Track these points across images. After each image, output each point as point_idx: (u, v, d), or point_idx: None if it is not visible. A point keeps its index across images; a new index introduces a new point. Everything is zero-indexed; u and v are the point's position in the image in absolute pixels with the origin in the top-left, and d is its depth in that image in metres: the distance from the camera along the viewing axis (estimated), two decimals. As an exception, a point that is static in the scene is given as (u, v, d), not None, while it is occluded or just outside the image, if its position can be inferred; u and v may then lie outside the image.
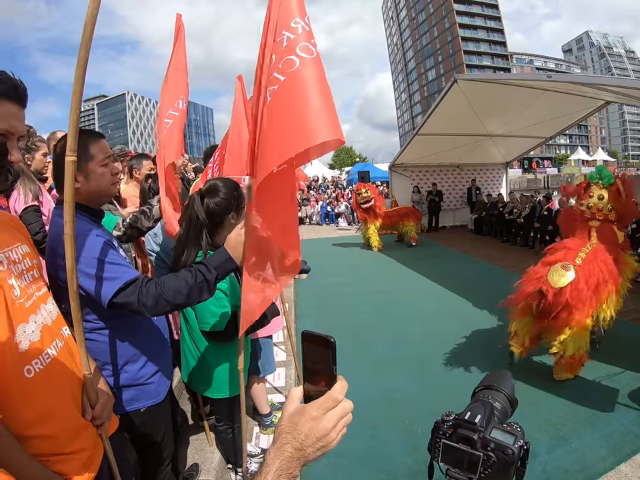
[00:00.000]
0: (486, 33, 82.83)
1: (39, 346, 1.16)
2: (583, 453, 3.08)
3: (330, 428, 0.70)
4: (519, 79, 10.37)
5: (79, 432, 1.26)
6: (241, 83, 3.03)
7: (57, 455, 1.15)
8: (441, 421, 0.82)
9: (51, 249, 1.61)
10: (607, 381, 4.06)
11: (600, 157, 41.57)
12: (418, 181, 15.27)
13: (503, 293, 6.99)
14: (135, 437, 1.97)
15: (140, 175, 3.79)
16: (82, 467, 1.21)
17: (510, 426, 0.78)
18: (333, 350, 0.71)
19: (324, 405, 0.70)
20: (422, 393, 4.00)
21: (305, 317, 6.25)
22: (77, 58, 1.05)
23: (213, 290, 1.67)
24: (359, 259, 10.92)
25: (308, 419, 0.69)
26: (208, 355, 2.30)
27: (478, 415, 0.78)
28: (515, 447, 0.73)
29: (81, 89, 1.09)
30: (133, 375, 1.82)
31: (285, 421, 0.71)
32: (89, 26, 1.03)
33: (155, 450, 2.01)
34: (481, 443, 0.74)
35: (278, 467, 0.66)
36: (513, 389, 0.92)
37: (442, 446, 0.79)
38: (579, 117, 11.76)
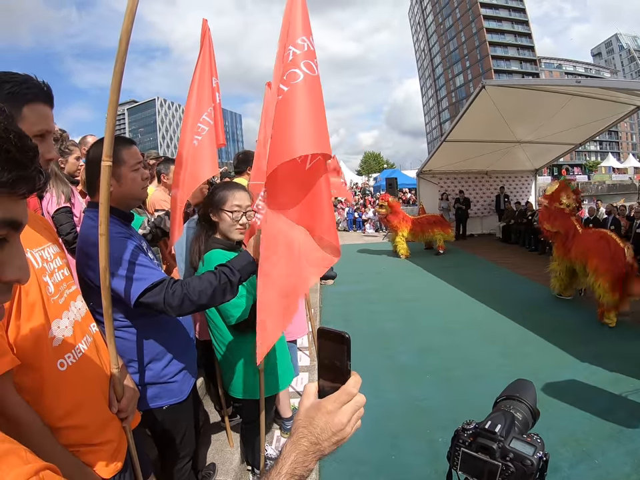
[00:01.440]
0: (514, 37, 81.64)
1: (72, 341, 1.22)
2: (606, 470, 3.00)
3: (345, 422, 0.71)
4: (547, 84, 10.22)
5: (107, 424, 1.31)
6: (269, 89, 3.08)
7: (86, 446, 1.20)
8: (461, 429, 0.82)
9: (81, 249, 1.67)
10: (633, 396, 3.94)
11: (631, 163, 40.46)
12: (446, 188, 15.12)
13: (528, 303, 6.95)
14: (157, 433, 2.01)
15: (168, 180, 3.86)
16: (109, 457, 1.26)
17: (530, 437, 0.78)
18: (348, 345, 0.71)
19: (339, 399, 0.71)
20: (444, 403, 3.95)
21: (329, 323, 6.23)
22: (113, 69, 1.11)
23: (236, 291, 1.73)
24: (385, 266, 10.87)
25: (324, 413, 0.70)
26: (236, 355, 2.33)
27: (498, 424, 0.78)
28: (534, 458, 0.72)
29: (116, 98, 1.15)
30: (157, 373, 1.86)
31: (301, 416, 0.72)
32: (124, 40, 1.07)
33: (175, 447, 2.04)
34: (500, 453, 0.74)
35: (294, 460, 0.68)
36: (535, 400, 0.92)
37: (461, 454, 0.79)
38: (609, 123, 11.47)
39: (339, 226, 20.12)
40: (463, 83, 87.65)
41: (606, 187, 46.98)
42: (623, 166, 44.06)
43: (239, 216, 2.20)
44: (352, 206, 20.92)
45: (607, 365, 4.56)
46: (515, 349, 5.15)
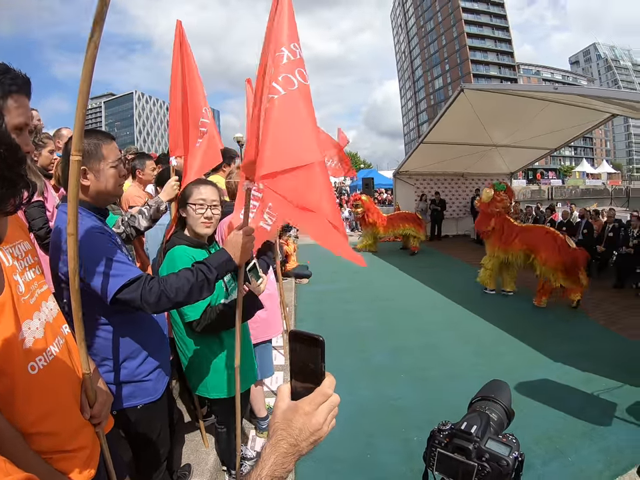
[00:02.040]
0: (494, 42, 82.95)
1: (43, 343, 1.16)
2: (579, 467, 3.08)
3: (322, 422, 0.72)
4: (525, 89, 10.41)
5: (80, 430, 1.26)
6: (250, 86, 3.05)
7: (59, 453, 1.15)
8: (437, 430, 0.82)
9: (55, 244, 1.63)
10: (605, 395, 4.05)
11: (604, 169, 41.59)
12: (422, 189, 15.29)
13: (502, 304, 7.07)
14: (131, 434, 1.97)
15: (143, 176, 3.80)
16: (83, 464, 1.22)
17: (505, 437, 0.79)
18: (322, 348, 0.71)
19: (315, 400, 0.72)
20: (419, 402, 3.99)
21: (304, 322, 6.25)
22: (85, 55, 1.07)
23: (213, 288, 1.73)
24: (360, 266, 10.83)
25: (301, 415, 0.71)
26: (201, 353, 2.31)
27: (474, 425, 0.78)
28: (509, 458, 0.73)
29: (87, 88, 1.10)
30: (132, 371, 1.83)
31: (278, 418, 0.73)
32: (97, 24, 1.03)
33: (150, 447, 2.01)
34: (476, 453, 0.75)
35: (273, 462, 0.68)
36: (510, 401, 0.92)
37: (437, 455, 0.79)
38: (584, 129, 11.77)
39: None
40: (441, 85, 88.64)
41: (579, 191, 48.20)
42: (596, 171, 45.26)
43: (202, 210, 2.22)
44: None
45: (580, 364, 4.68)
46: (489, 349, 5.23)
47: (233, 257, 1.77)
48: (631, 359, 4.90)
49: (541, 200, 29.12)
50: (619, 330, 5.86)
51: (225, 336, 2.30)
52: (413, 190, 15.19)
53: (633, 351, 5.16)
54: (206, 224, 2.25)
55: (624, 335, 5.67)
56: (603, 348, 5.23)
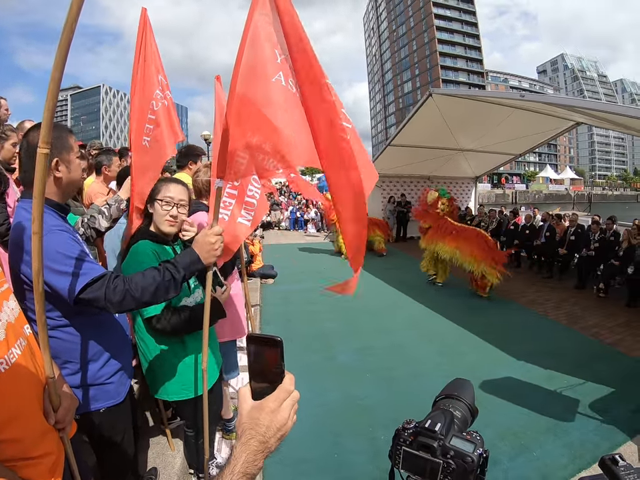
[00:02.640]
0: (464, 49, 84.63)
1: (4, 345, 1.10)
2: (544, 462, 3.16)
3: (287, 417, 0.76)
4: (492, 96, 10.61)
5: (44, 435, 1.21)
6: (219, 83, 3.00)
7: (23, 460, 1.10)
8: (401, 428, 0.82)
9: (15, 243, 1.55)
10: (568, 392, 4.19)
11: (567, 175, 42.85)
12: (389, 191, 15.45)
13: (465, 304, 7.22)
14: (95, 438, 1.91)
15: (109, 172, 3.69)
16: (48, 471, 1.16)
17: (469, 434, 0.80)
18: (281, 348, 0.75)
19: (279, 397, 0.76)
20: (385, 401, 4.03)
21: (270, 323, 6.22)
22: (59, 41, 1.00)
23: (180, 288, 1.69)
24: (326, 265, 10.93)
25: (267, 413, 0.74)
26: (162, 355, 2.24)
27: (438, 423, 0.79)
28: (474, 454, 0.74)
29: (60, 75, 1.03)
30: (93, 374, 1.77)
31: (245, 419, 0.75)
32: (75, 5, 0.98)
33: (114, 451, 1.95)
34: (440, 451, 0.75)
35: (245, 460, 0.71)
36: (474, 398, 0.93)
37: (403, 453, 0.80)
38: (549, 136, 12.11)
39: (282, 225, 20.03)
40: (410, 89, 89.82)
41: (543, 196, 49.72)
42: (559, 177, 46.58)
43: (169, 207, 2.18)
44: (295, 205, 20.97)
45: (542, 362, 4.82)
46: (453, 348, 5.33)
47: (201, 257, 1.73)
48: (592, 356, 5.08)
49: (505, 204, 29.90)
50: (580, 329, 6.06)
51: (187, 338, 2.24)
52: (379, 192, 15.31)
53: (594, 349, 5.35)
54: (170, 222, 2.20)
55: (585, 334, 5.87)
56: (565, 347, 5.39)
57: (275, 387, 0.76)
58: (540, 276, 9.88)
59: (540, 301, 7.66)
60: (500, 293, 8.01)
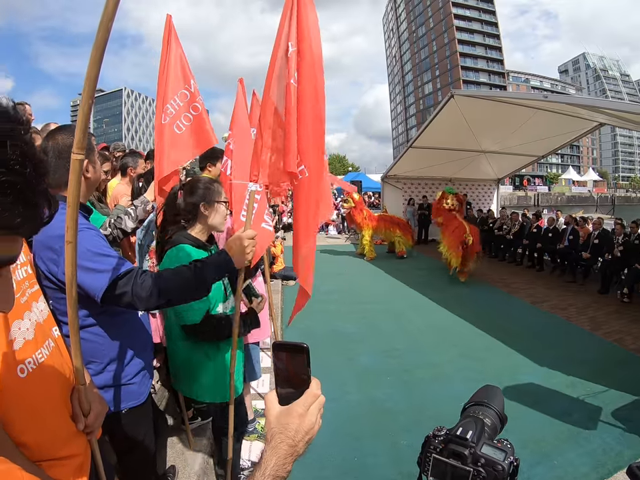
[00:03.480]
0: (484, 49, 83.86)
1: (33, 345, 1.10)
2: (565, 470, 3.10)
3: (314, 421, 0.78)
4: (515, 97, 10.49)
5: (72, 436, 1.20)
6: (242, 86, 3.02)
7: (50, 460, 1.09)
8: (432, 435, 0.82)
9: (42, 242, 1.53)
10: (590, 399, 4.10)
11: (590, 177, 42.07)
12: (410, 193, 15.34)
13: (488, 308, 7.13)
14: (116, 438, 1.92)
15: (135, 174, 3.75)
16: (74, 473, 1.16)
17: (500, 442, 0.79)
18: (307, 354, 0.77)
19: (307, 402, 0.78)
20: (406, 404, 4.00)
21: (291, 325, 6.19)
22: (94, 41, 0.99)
23: (209, 289, 1.68)
24: (347, 267, 10.91)
25: (295, 417, 0.76)
26: (195, 358, 2.25)
27: (469, 430, 0.78)
28: (504, 463, 0.73)
29: (96, 74, 1.00)
30: (117, 375, 1.78)
31: (273, 424, 0.77)
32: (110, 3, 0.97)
33: (135, 452, 1.96)
34: (471, 459, 0.74)
35: (275, 463, 0.73)
36: (503, 406, 0.92)
37: (432, 460, 0.79)
38: (572, 138, 11.92)
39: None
40: (431, 91, 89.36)
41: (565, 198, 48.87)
42: (582, 179, 45.75)
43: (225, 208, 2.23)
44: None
45: (564, 368, 4.73)
46: (475, 353, 5.26)
47: (234, 260, 1.71)
48: (615, 363, 4.97)
49: (527, 206, 29.47)
50: (604, 335, 5.93)
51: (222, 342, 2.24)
52: (400, 194, 15.25)
53: (617, 355, 5.23)
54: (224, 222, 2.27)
55: (609, 339, 5.74)
56: (588, 353, 5.29)
57: (301, 392, 0.78)
58: (562, 280, 9.69)
59: (563, 305, 7.51)
60: (523, 297, 7.91)
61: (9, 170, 0.45)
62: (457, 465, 0.75)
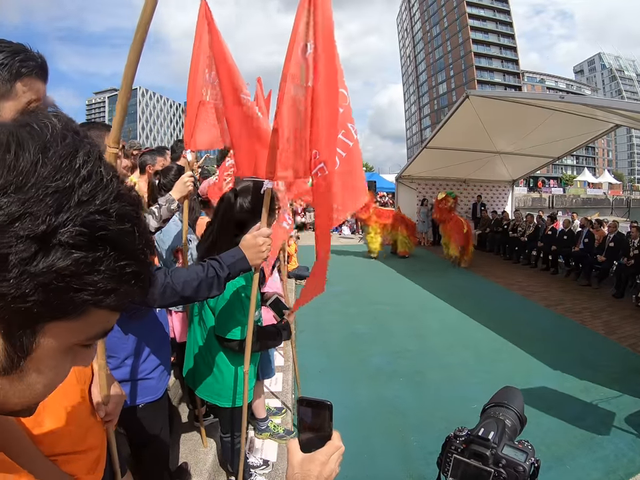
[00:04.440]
0: (499, 49, 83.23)
1: None
2: (577, 475, 3.07)
3: (333, 468, 0.85)
4: (531, 97, 10.39)
5: (90, 429, 1.21)
6: (260, 85, 3.03)
7: (67, 455, 1.09)
8: (453, 436, 0.82)
9: None
10: (603, 404, 4.05)
11: (606, 179, 41.55)
12: (424, 194, 15.24)
13: (501, 310, 7.08)
14: (131, 432, 1.96)
15: (152, 170, 3.78)
16: (90, 468, 1.16)
17: (521, 443, 0.79)
18: (331, 411, 0.83)
19: (329, 452, 0.84)
20: (417, 405, 3.99)
21: (303, 324, 6.22)
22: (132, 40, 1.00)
23: (223, 287, 1.66)
24: (360, 268, 10.90)
25: (318, 465, 0.83)
26: (221, 362, 2.22)
27: (491, 431, 0.79)
28: (526, 464, 0.73)
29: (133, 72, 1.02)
30: (134, 370, 1.81)
31: (297, 469, 0.83)
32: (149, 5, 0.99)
33: (150, 447, 1.99)
34: (493, 460, 0.75)
35: None
36: (523, 407, 0.93)
37: (453, 461, 0.80)
38: (587, 139, 11.77)
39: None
40: (445, 91, 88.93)
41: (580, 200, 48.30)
42: (597, 181, 45.22)
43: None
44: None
45: (577, 373, 4.68)
46: (487, 355, 5.23)
47: (248, 258, 1.68)
48: (630, 368, 4.90)
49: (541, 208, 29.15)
50: (618, 339, 5.86)
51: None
52: (414, 194, 15.19)
53: (631, 361, 5.16)
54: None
55: (623, 344, 5.67)
56: (602, 357, 5.23)
57: (323, 443, 0.84)
58: (577, 283, 9.58)
59: (577, 309, 7.43)
60: (537, 300, 7.85)
61: (137, 261, 0.46)
62: (478, 465, 0.76)
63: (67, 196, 0.40)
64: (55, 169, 0.40)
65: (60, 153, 0.41)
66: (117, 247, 0.43)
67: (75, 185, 0.41)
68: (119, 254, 0.44)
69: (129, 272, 0.45)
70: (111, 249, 0.43)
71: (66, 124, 0.44)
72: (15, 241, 0.38)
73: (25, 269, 0.39)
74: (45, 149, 0.41)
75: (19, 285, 0.39)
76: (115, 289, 0.45)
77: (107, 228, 0.42)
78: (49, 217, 0.39)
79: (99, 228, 0.42)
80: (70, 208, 0.40)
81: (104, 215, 0.42)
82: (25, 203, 0.38)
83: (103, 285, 0.43)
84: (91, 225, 0.41)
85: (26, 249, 0.39)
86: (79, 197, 0.41)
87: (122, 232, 0.44)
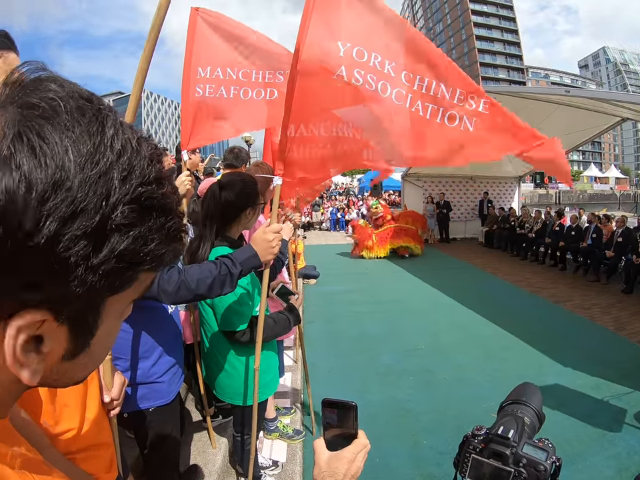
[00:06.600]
0: (502, 45, 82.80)
1: None
2: (589, 473, 3.03)
3: (360, 466, 0.86)
4: (535, 92, 10.29)
5: (103, 425, 1.22)
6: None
7: (85, 451, 1.09)
8: (471, 435, 0.80)
9: None
10: (615, 401, 4.01)
11: (612, 174, 41.26)
12: (430, 191, 15.16)
13: (510, 307, 7.03)
14: (141, 436, 1.92)
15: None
16: (106, 467, 1.16)
17: (542, 442, 0.77)
18: (355, 412, 0.85)
19: (355, 450, 0.86)
20: (428, 405, 3.96)
21: (312, 323, 6.21)
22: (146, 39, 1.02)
23: (235, 284, 1.66)
24: (368, 266, 10.87)
25: (345, 462, 0.84)
26: (234, 360, 2.20)
27: (511, 429, 0.76)
28: (547, 463, 0.71)
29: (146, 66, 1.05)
30: (145, 372, 1.78)
31: (324, 468, 0.85)
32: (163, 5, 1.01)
33: (159, 450, 1.95)
34: (513, 459, 0.72)
35: None
36: (541, 404, 0.90)
37: (471, 461, 0.77)
38: (593, 133, 11.62)
39: (322, 225, 20.04)
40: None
41: (587, 196, 47.89)
42: (604, 176, 44.87)
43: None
44: (336, 205, 20.91)
45: (588, 369, 4.63)
46: (498, 353, 5.19)
47: (259, 254, 1.69)
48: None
49: (548, 204, 28.93)
50: (628, 335, 5.79)
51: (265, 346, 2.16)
52: (421, 192, 15.11)
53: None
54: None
55: (633, 340, 5.60)
56: (612, 354, 5.17)
57: (350, 441, 0.86)
58: (586, 279, 9.49)
59: (586, 305, 7.35)
60: (545, 296, 7.78)
61: (176, 216, 0.47)
62: (497, 465, 0.73)
63: (110, 177, 0.39)
64: (90, 153, 0.38)
65: (88, 131, 0.39)
66: (162, 210, 0.44)
67: (113, 162, 0.39)
68: (165, 216, 0.44)
69: (174, 230, 0.46)
70: (158, 214, 0.43)
71: (73, 92, 0.41)
72: (73, 244, 0.37)
73: (87, 265, 0.38)
74: (69, 131, 0.38)
75: (84, 281, 0.38)
76: (166, 251, 0.45)
77: (152, 196, 0.42)
78: (99, 206, 0.38)
79: (145, 199, 0.41)
80: (115, 188, 0.39)
81: (146, 184, 0.42)
82: (73, 202, 0.36)
83: (157, 250, 0.44)
84: (138, 198, 0.40)
85: (84, 246, 0.37)
86: (120, 173, 0.39)
87: (163, 195, 0.44)
